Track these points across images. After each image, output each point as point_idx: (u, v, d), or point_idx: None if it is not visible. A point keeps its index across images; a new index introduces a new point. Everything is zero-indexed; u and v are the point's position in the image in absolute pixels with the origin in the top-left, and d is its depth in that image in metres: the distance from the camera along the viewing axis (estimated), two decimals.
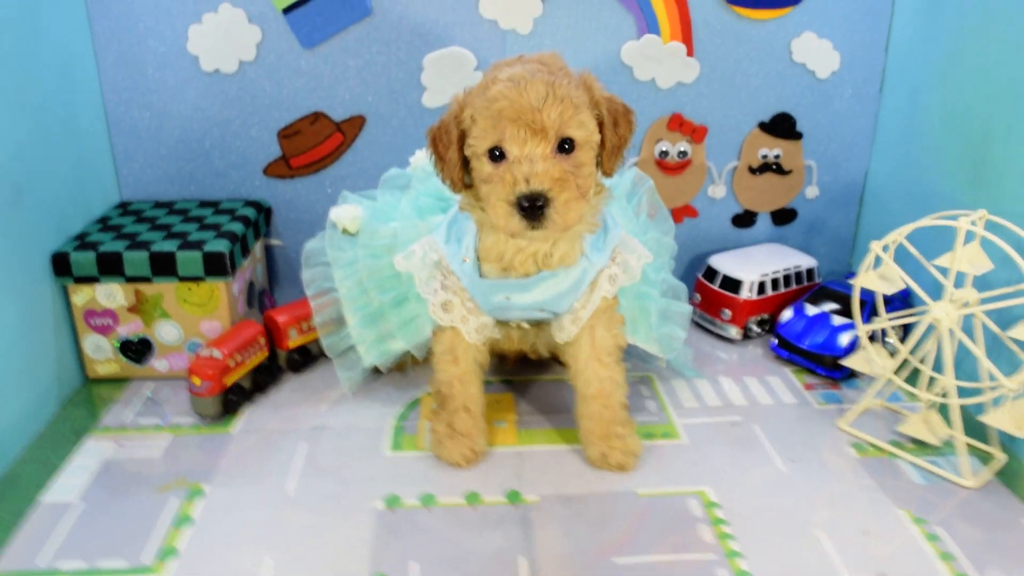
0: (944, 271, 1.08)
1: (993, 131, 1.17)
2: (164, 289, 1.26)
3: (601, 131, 0.96)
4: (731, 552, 0.95)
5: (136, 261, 1.23)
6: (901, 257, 1.13)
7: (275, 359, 1.32)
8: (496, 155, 0.93)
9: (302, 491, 1.06)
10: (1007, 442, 1.13)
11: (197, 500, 1.04)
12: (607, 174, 1.00)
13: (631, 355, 1.30)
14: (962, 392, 1.12)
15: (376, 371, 1.27)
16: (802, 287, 1.46)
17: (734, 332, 1.43)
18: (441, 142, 0.98)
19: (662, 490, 1.06)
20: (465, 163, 0.98)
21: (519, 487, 1.07)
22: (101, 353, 1.30)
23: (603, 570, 0.93)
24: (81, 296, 1.26)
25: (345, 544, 0.97)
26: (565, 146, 0.93)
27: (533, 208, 0.90)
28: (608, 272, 1.06)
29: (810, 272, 1.47)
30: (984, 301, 1.08)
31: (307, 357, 1.35)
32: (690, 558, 0.94)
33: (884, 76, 1.46)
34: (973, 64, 1.22)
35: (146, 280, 1.24)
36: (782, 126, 1.48)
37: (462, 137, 0.96)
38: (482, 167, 0.95)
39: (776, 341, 1.37)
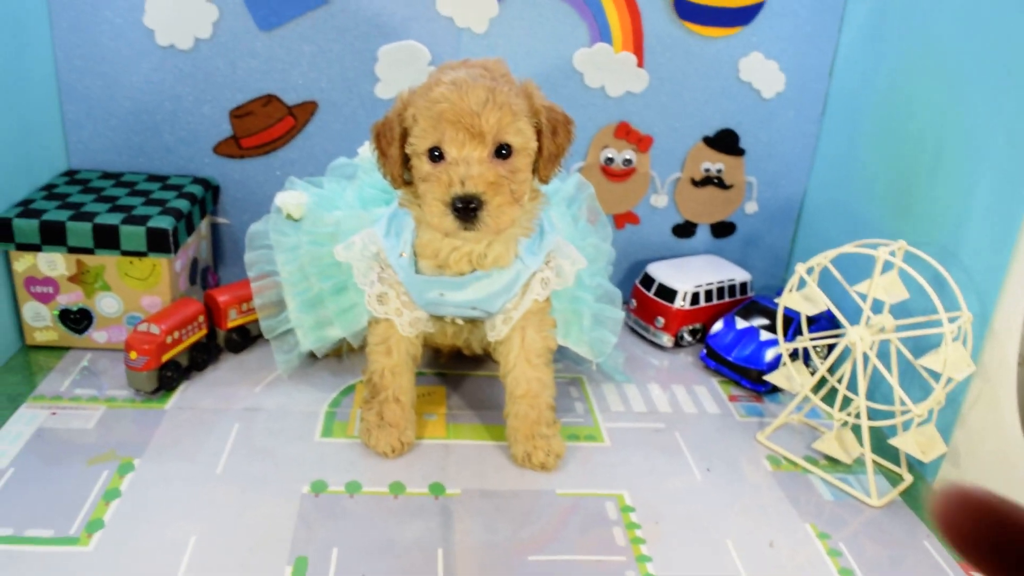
0: (864, 297, 1.12)
1: (919, 166, 1.21)
2: (106, 261, 1.26)
3: (539, 139, 0.98)
4: (641, 556, 0.98)
5: (79, 232, 1.23)
6: (828, 280, 1.16)
7: (214, 338, 1.33)
8: (435, 155, 0.95)
9: (231, 470, 1.08)
10: (916, 465, 1.18)
11: (127, 474, 1.05)
12: (543, 181, 1.02)
13: (565, 356, 1.33)
14: (875, 414, 1.16)
15: (312, 356, 1.29)
16: (735, 300, 1.49)
17: (666, 340, 1.46)
18: (384, 138, 1.00)
19: (581, 491, 1.09)
20: (406, 160, 1.00)
21: (443, 480, 1.09)
22: (40, 320, 1.30)
23: (517, 566, 0.95)
24: (22, 263, 1.26)
25: (269, 526, 0.98)
26: (502, 151, 0.95)
27: (467, 210, 0.92)
28: (541, 275, 1.09)
29: (743, 286, 1.50)
30: (900, 328, 1.12)
31: (246, 338, 1.36)
32: (602, 559, 0.97)
33: (827, 101, 1.50)
34: (907, 99, 1.25)
35: (88, 251, 1.24)
36: (725, 141, 1.52)
37: (404, 135, 0.98)
38: (421, 166, 0.97)
39: (705, 351, 1.41)
